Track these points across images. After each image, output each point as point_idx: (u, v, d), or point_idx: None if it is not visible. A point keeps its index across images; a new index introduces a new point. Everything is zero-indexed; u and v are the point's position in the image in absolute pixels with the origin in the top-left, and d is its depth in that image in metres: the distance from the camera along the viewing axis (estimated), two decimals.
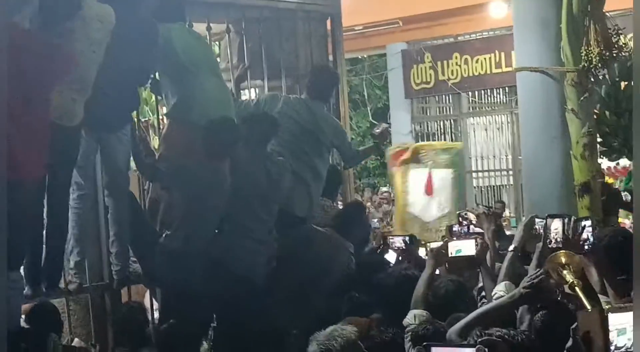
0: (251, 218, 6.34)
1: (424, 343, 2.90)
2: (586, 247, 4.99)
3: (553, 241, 5.12)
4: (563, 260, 4.97)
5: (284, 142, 7.10)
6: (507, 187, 17.30)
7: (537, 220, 5.42)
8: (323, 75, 7.53)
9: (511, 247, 5.32)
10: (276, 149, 7.03)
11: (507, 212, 15.71)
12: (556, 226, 5.13)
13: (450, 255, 5.47)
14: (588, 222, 5.10)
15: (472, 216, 6.77)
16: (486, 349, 2.66)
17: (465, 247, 5.53)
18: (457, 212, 7.35)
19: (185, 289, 5.93)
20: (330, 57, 8.70)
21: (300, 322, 5.72)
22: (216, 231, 6.41)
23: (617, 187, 12.41)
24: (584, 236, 5.09)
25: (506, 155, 17.23)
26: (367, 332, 4.88)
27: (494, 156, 17.34)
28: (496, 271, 5.19)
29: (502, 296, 4.87)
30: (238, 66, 7.73)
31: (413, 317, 5.00)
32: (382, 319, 5.23)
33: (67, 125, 5.48)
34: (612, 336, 3.29)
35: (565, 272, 4.83)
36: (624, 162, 12.08)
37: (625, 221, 11.31)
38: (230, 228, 6.35)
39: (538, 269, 3.72)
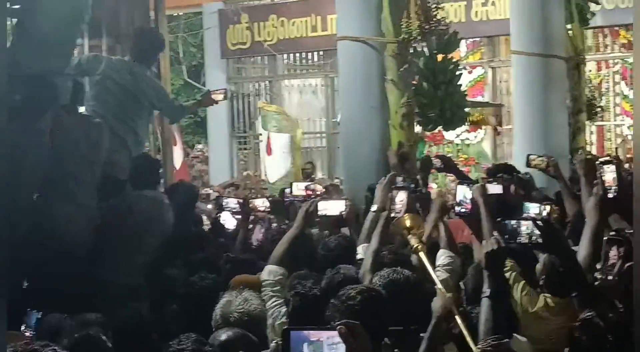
0: (73, 182, 6.18)
1: (285, 327, 2.87)
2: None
3: (396, 212, 5.26)
4: (408, 223, 5.13)
5: (105, 105, 7.00)
6: (321, 149, 17.54)
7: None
8: (148, 38, 7.43)
9: (373, 208, 5.52)
10: (98, 111, 6.90)
11: (319, 175, 15.97)
12: (401, 197, 5.26)
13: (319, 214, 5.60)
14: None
15: (318, 187, 6.94)
16: (346, 331, 2.67)
17: (334, 208, 5.68)
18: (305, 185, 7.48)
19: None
20: (152, 15, 8.57)
21: (131, 282, 5.72)
22: (36, 195, 6.20)
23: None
24: None
25: (320, 118, 17.45)
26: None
27: (308, 119, 17.53)
28: None
29: (362, 258, 5.01)
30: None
31: (268, 273, 5.07)
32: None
33: None
34: None
35: (409, 236, 4.99)
36: None
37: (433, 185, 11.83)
38: (51, 193, 6.16)
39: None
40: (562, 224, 6.02)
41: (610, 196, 4.70)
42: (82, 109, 6.72)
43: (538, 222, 4.26)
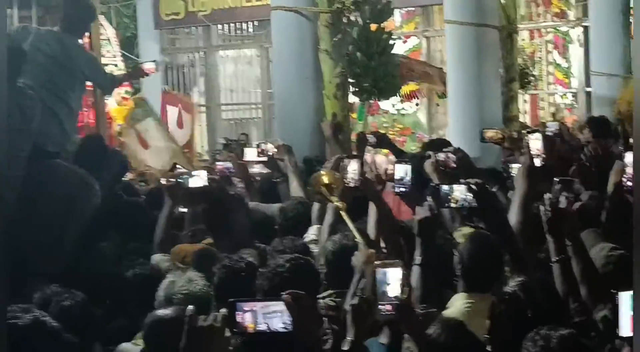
0: (3, 153, 6.06)
1: (230, 300, 2.87)
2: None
3: (352, 181, 5.21)
4: (326, 180, 5.09)
5: (34, 77, 6.89)
6: (256, 120, 17.48)
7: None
8: (78, 7, 7.30)
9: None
10: (27, 83, 6.79)
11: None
12: (354, 166, 5.22)
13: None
14: None
15: (270, 147, 6.87)
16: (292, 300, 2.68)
17: (197, 179, 5.52)
18: (256, 144, 7.36)
19: None
20: None
21: (54, 265, 5.63)
22: None
23: None
24: None
25: (255, 89, 17.38)
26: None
27: (243, 90, 17.45)
28: None
29: (314, 240, 4.96)
30: None
31: (156, 263, 4.98)
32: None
33: None
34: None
35: (328, 193, 4.95)
36: None
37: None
38: None
39: None
40: None
41: (537, 163, 4.76)
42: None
43: (472, 185, 4.27)
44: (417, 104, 15.49)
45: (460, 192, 4.40)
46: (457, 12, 10.09)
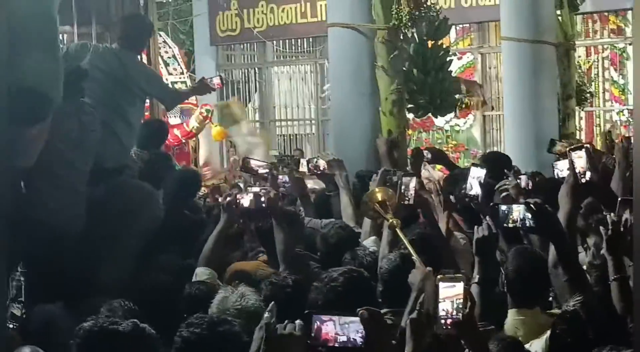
0: (65, 167, 6.15)
1: (306, 311, 2.89)
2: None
3: (408, 199, 5.22)
4: (379, 197, 5.08)
5: (92, 93, 6.96)
6: (310, 136, 17.53)
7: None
8: (135, 24, 7.38)
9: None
10: (86, 101, 6.87)
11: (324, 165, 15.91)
12: (413, 184, 5.23)
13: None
14: None
15: (322, 162, 6.88)
16: (368, 316, 2.70)
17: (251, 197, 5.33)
18: (307, 159, 7.38)
19: None
20: (142, 1, 8.55)
21: (118, 275, 5.70)
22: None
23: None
24: None
25: (309, 105, 17.44)
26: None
27: (297, 106, 17.52)
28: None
29: (374, 251, 4.96)
30: None
31: (195, 276, 4.99)
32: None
33: None
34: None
35: (382, 211, 4.94)
36: None
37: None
38: (41, 179, 6.13)
39: None
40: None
41: (583, 181, 4.74)
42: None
43: (532, 205, 4.25)
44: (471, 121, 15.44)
45: (519, 212, 4.38)
46: (514, 29, 10.06)
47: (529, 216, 4.27)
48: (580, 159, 4.79)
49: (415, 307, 3.72)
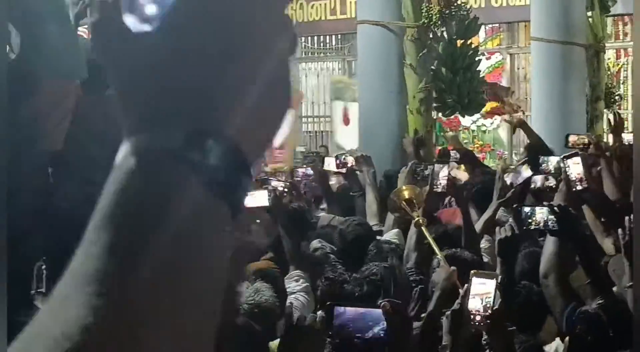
0: (90, 163, 6.17)
1: (328, 303, 2.92)
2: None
3: (440, 186, 5.25)
4: (407, 195, 5.08)
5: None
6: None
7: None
8: None
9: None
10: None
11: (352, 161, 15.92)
12: (444, 172, 5.26)
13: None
14: None
15: (350, 159, 6.88)
16: (390, 308, 2.72)
17: (257, 199, 5.26)
18: (335, 155, 7.35)
19: None
20: None
21: None
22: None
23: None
24: None
25: None
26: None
27: (325, 102, 17.51)
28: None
29: (395, 243, 4.95)
30: (77, 2, 7.48)
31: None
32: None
33: None
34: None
35: (409, 208, 4.94)
36: None
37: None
38: (66, 174, 6.15)
39: None
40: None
41: (579, 188, 4.73)
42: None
43: (555, 208, 4.24)
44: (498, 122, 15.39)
45: (542, 215, 4.36)
46: (544, 29, 10.02)
47: (553, 218, 4.25)
48: (576, 166, 4.78)
49: (439, 304, 3.74)
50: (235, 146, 0.72)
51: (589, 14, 10.65)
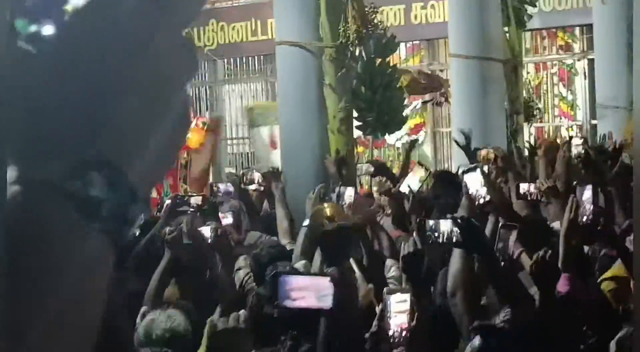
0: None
1: (274, 271, 2.87)
2: None
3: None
4: (328, 212, 5.08)
5: None
6: None
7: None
8: None
9: (305, 223, 5.24)
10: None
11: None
12: (350, 193, 5.29)
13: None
14: None
15: (257, 175, 6.80)
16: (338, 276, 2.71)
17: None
18: (242, 172, 7.26)
19: None
20: None
21: None
22: None
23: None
24: None
25: None
26: None
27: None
28: None
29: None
30: None
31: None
32: None
33: None
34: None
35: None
36: None
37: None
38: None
39: None
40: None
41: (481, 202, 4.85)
42: None
43: (458, 220, 4.20)
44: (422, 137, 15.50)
45: (446, 227, 4.32)
46: (462, 46, 10.13)
47: (457, 230, 4.21)
48: (475, 180, 4.83)
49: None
50: (123, 177, 0.69)
51: (506, 29, 10.79)
